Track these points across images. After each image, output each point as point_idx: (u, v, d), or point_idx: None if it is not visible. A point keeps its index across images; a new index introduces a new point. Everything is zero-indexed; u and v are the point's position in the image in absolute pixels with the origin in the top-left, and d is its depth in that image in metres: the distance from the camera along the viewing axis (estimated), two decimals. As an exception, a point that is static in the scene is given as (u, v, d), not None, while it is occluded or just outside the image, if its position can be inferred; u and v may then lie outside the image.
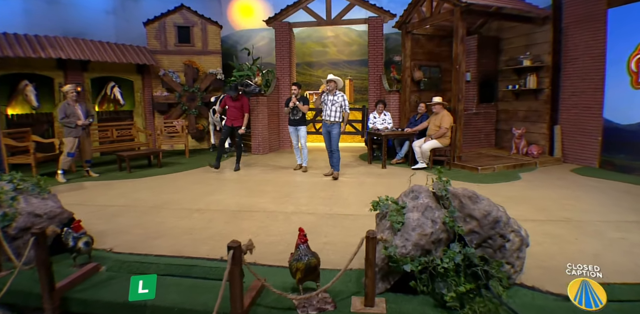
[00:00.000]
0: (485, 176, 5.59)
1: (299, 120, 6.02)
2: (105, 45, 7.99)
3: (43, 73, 7.17)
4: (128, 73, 8.61)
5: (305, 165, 6.15)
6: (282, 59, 8.90)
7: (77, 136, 5.65)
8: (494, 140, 7.97)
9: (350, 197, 4.60)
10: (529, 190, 4.84)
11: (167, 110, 9.20)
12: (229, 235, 3.33)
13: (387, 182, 5.35)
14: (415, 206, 2.18)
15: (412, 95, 7.58)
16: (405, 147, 6.59)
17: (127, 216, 3.92)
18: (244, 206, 4.24)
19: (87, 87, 7.87)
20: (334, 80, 5.42)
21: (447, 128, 5.91)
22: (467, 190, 2.21)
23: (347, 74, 10.22)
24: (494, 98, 7.90)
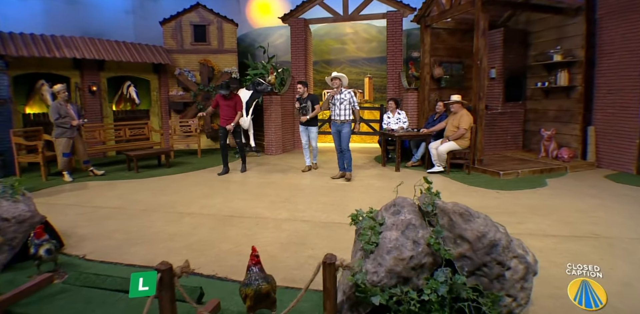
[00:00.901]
0: (507, 182, 5.09)
1: (310, 120, 5.80)
2: (121, 44, 8.03)
3: (59, 73, 7.25)
4: (144, 72, 8.63)
5: (315, 161, 6.05)
6: (297, 57, 8.65)
7: (72, 137, 5.57)
8: (521, 142, 7.35)
9: (353, 203, 4.27)
10: (554, 198, 4.32)
11: (183, 109, 9.17)
12: (208, 244, 3.14)
13: (399, 189, 4.94)
14: (395, 223, 1.84)
15: (432, 93, 7.11)
16: (421, 148, 6.17)
17: (115, 220, 3.79)
18: (237, 211, 4.04)
19: (103, 87, 7.94)
20: (338, 78, 5.21)
21: (465, 129, 5.44)
22: (459, 205, 1.84)
23: (367, 72, 9.83)
24: (521, 97, 7.28)
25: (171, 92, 9.04)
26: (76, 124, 5.52)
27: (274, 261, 2.78)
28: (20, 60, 6.57)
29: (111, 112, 8.20)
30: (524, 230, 3.32)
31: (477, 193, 4.59)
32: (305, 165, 6.06)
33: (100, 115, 7.82)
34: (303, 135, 5.94)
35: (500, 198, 4.35)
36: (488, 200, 4.28)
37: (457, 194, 4.56)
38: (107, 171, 6.21)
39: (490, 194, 4.55)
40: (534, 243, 2.99)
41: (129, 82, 8.22)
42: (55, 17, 7.97)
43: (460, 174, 5.66)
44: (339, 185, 5.16)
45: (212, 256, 2.91)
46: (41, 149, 5.42)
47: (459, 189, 4.84)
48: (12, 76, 6.57)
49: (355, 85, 9.87)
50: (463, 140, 5.53)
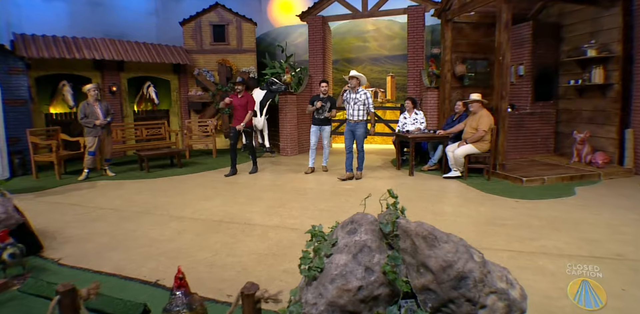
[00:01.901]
0: (529, 190, 4.61)
1: (324, 120, 5.67)
2: (141, 45, 8.14)
3: (81, 74, 7.43)
4: (164, 73, 8.73)
5: (325, 164, 5.92)
6: (315, 56, 8.43)
7: (97, 135, 5.69)
8: (552, 145, 6.71)
9: (352, 210, 3.91)
10: (580, 210, 3.82)
11: (202, 109, 9.21)
12: (186, 251, 3.01)
13: (405, 195, 4.62)
14: (348, 244, 1.57)
15: (453, 92, 6.63)
16: (438, 151, 5.77)
17: (106, 221, 3.75)
18: (228, 216, 3.91)
19: (123, 87, 8.08)
20: (356, 77, 5.09)
21: (484, 130, 4.99)
22: (423, 226, 1.53)
23: (389, 70, 9.43)
24: (553, 96, 6.65)
25: (190, 92, 9.10)
26: (98, 124, 5.63)
27: (245, 274, 2.57)
28: (43, 62, 6.78)
29: (131, 112, 8.34)
30: (537, 247, 2.90)
31: (493, 202, 4.17)
32: (308, 167, 5.86)
33: (121, 115, 7.97)
34: (313, 135, 5.76)
35: (517, 209, 3.91)
36: (503, 210, 3.85)
37: (471, 202, 4.17)
38: (121, 170, 6.34)
39: (507, 203, 4.11)
40: (545, 265, 2.61)
41: (148, 83, 8.32)
42: (80, 19, 8.19)
43: (479, 180, 5.22)
44: (345, 189, 4.92)
45: (184, 265, 2.71)
46: (55, 148, 5.54)
47: (474, 197, 4.42)
48: (35, 77, 6.81)
49: (377, 84, 9.52)
50: (482, 143, 5.08)
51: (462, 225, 3.46)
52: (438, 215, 3.74)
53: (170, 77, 8.92)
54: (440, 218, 3.63)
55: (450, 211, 3.86)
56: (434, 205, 4.12)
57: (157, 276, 2.58)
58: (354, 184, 5.16)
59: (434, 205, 4.10)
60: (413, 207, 3.96)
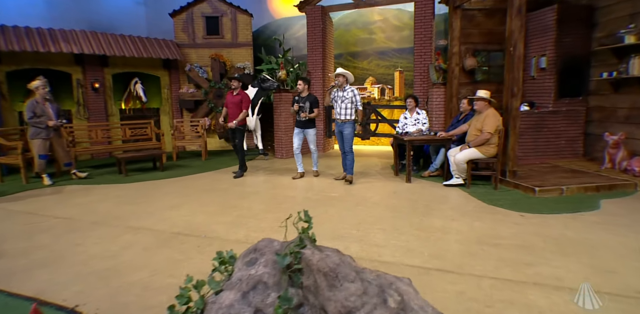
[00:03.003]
0: (542, 202, 4.25)
1: (307, 122, 5.51)
2: (126, 38, 8.08)
3: (60, 69, 7.36)
4: (154, 68, 8.71)
5: (315, 168, 5.89)
6: (314, 49, 8.23)
7: (47, 138, 5.51)
8: (581, 149, 6.26)
9: (328, 224, 3.78)
10: (601, 230, 3.43)
11: (194, 107, 9.15)
12: (123, 270, 2.86)
13: (394, 205, 4.36)
14: (242, 279, 1.34)
15: (463, 88, 6.30)
16: (440, 155, 5.46)
17: (52, 233, 3.64)
18: (190, 227, 3.75)
19: (108, 83, 8.05)
20: (342, 74, 5.15)
21: (489, 133, 4.65)
22: (328, 259, 1.29)
23: (397, 65, 9.12)
24: (582, 91, 6.19)
25: (181, 89, 9.05)
26: (52, 125, 5.46)
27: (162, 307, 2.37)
28: (14, 55, 6.69)
29: (117, 111, 8.35)
30: (531, 276, 2.57)
31: (493, 216, 3.84)
32: (297, 172, 5.78)
33: (105, 114, 7.97)
34: (296, 138, 5.62)
35: (520, 225, 3.57)
36: (502, 226, 3.52)
37: (467, 215, 3.85)
38: (99, 173, 6.31)
39: (511, 217, 3.78)
40: (536, 300, 2.29)
41: (136, 79, 8.32)
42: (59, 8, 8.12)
43: (485, 188, 4.91)
44: (329, 197, 4.73)
45: (114, 287, 2.58)
46: (21, 150, 5.52)
47: (473, 209, 4.10)
48: (6, 71, 6.76)
49: (384, 80, 9.23)
50: (487, 146, 4.73)
51: (447, 243, 3.16)
52: (423, 231, 3.45)
53: (160, 73, 8.89)
54: (423, 235, 3.35)
55: (438, 226, 3.56)
56: (423, 217, 3.84)
57: (78, 301, 2.41)
58: (342, 191, 4.98)
59: (422, 218, 3.82)
60: (398, 220, 3.77)
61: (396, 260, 2.87)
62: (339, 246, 3.18)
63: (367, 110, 7.65)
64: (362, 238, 3.31)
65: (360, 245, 3.20)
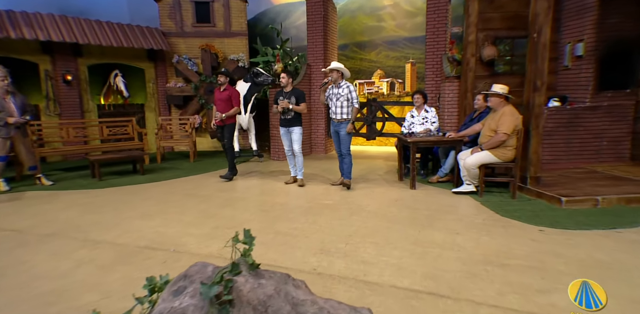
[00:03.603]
0: (569, 215, 4.00)
1: (293, 120, 5.39)
2: (103, 25, 7.93)
3: (24, 58, 7.16)
4: (137, 60, 8.64)
5: (300, 176, 5.62)
6: (314, 39, 8.09)
7: (7, 137, 5.33)
8: (627, 151, 5.94)
9: (315, 235, 3.64)
10: (639, 251, 3.17)
11: (183, 104, 9.07)
12: (71, 293, 2.76)
13: (393, 215, 4.19)
14: (162, 312, 1.18)
15: (480, 82, 6.04)
16: (449, 159, 5.26)
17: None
18: (159, 240, 3.64)
19: (83, 76, 7.96)
20: (337, 69, 5.10)
21: (505, 133, 4.42)
22: (261, 288, 1.12)
23: (409, 56, 8.92)
24: (631, 82, 5.87)
25: (169, 84, 8.98)
26: (12, 122, 5.27)
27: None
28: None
29: (94, 106, 8.29)
30: (542, 306, 2.35)
31: (506, 230, 3.62)
32: (290, 176, 5.71)
33: (80, 110, 7.91)
34: (284, 139, 5.52)
35: (539, 242, 3.33)
36: (517, 243, 3.29)
37: (474, 228, 3.64)
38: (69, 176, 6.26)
39: (527, 233, 3.55)
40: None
41: (116, 71, 8.27)
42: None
43: (500, 197, 4.70)
44: (322, 205, 4.63)
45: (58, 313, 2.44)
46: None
47: (483, 221, 3.88)
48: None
49: (394, 73, 9.04)
50: (503, 149, 4.51)
51: (446, 261, 2.96)
52: (419, 246, 3.27)
53: (145, 65, 8.82)
54: (419, 250, 3.16)
55: (438, 241, 3.37)
56: (423, 230, 3.65)
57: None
58: (337, 198, 4.88)
59: (421, 231, 3.64)
60: (393, 232, 3.62)
61: (383, 281, 2.69)
62: (322, 261, 3.04)
63: (373, 107, 7.48)
64: (349, 253, 3.17)
65: (345, 261, 3.04)
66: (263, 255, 3.24)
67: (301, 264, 2.99)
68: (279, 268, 2.97)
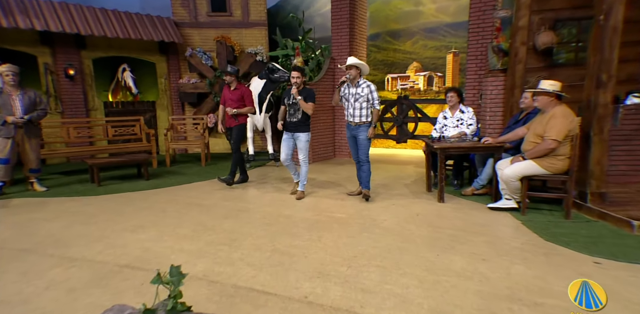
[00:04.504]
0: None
1: (299, 124, 5.25)
2: (109, 14, 8.00)
3: (20, 49, 7.24)
4: (147, 53, 8.78)
5: (302, 189, 5.46)
6: (339, 29, 7.97)
7: (9, 136, 5.44)
8: None
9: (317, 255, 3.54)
10: None
11: (197, 101, 9.15)
12: None
13: (414, 232, 4.02)
14: None
15: (531, 75, 5.67)
16: (487, 168, 4.98)
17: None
18: (143, 257, 3.62)
19: (87, 70, 8.10)
20: (355, 66, 4.97)
21: (554, 140, 4.08)
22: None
23: (451, 46, 8.59)
24: None
25: (181, 80, 9.08)
26: (10, 121, 5.37)
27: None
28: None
29: (101, 104, 8.47)
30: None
31: (550, 259, 3.32)
32: (294, 183, 5.65)
33: (85, 108, 8.09)
34: (285, 145, 5.36)
35: (591, 278, 2.94)
36: (559, 277, 2.98)
37: (508, 255, 3.37)
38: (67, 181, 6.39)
39: (578, 264, 3.21)
40: None
41: (124, 65, 8.43)
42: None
43: (550, 216, 4.37)
44: (333, 218, 4.55)
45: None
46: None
47: (522, 245, 3.59)
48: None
49: (433, 66, 8.74)
50: (553, 159, 4.17)
51: (462, 294, 2.73)
52: (433, 273, 3.06)
53: (156, 59, 8.96)
54: (432, 279, 2.95)
55: (458, 268, 3.14)
56: (442, 254, 3.44)
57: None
58: (351, 211, 4.80)
59: (440, 255, 3.42)
60: (406, 254, 3.45)
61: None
62: (316, 288, 2.89)
63: (404, 105, 7.24)
64: (349, 279, 3.03)
65: (343, 288, 2.89)
66: (253, 277, 3.17)
67: (292, 290, 2.88)
68: (266, 295, 2.88)
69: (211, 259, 3.54)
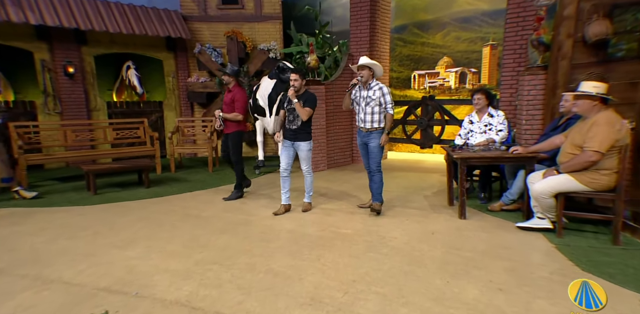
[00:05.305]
0: None
1: (299, 132, 5.18)
2: (111, 7, 8.04)
3: (14, 45, 7.27)
4: (154, 49, 8.87)
5: (308, 200, 5.50)
6: (358, 23, 7.92)
7: None
8: None
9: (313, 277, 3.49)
10: None
11: (207, 102, 9.21)
12: None
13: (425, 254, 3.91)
14: None
15: (579, 73, 5.33)
16: (517, 181, 4.80)
17: None
18: (125, 278, 3.61)
19: (89, 68, 8.20)
20: (368, 66, 4.93)
21: (596, 151, 3.83)
22: None
23: (487, 37, 8.35)
24: None
25: (190, 78, 9.15)
26: None
27: None
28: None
29: (104, 104, 8.61)
30: None
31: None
32: (281, 204, 5.41)
33: (86, 108, 8.21)
34: (283, 154, 5.28)
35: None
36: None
37: (532, 286, 3.19)
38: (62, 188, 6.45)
39: (620, 302, 2.92)
40: None
41: (128, 63, 8.54)
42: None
43: (594, 240, 4.11)
44: (338, 234, 4.52)
45: None
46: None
47: (552, 275, 3.39)
48: None
49: (466, 61, 8.53)
50: (595, 173, 3.92)
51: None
52: (441, 304, 2.93)
53: (163, 56, 9.05)
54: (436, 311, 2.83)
55: (469, 300, 2.99)
56: (454, 280, 3.31)
57: None
58: (358, 226, 4.76)
59: (451, 282, 3.29)
60: (412, 280, 3.36)
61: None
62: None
63: (429, 107, 7.07)
64: (344, 307, 2.96)
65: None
66: (239, 304, 3.14)
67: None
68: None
69: (198, 280, 3.52)
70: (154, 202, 5.95)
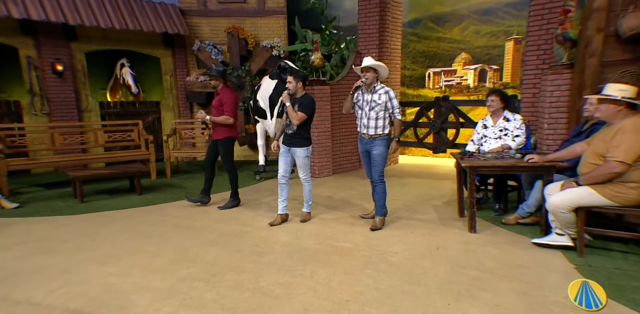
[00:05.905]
0: None
1: (296, 137, 5.17)
2: (104, 0, 7.98)
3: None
4: (150, 46, 8.88)
5: (307, 210, 5.49)
6: (367, 18, 7.88)
7: None
8: None
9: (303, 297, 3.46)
10: None
11: (207, 102, 9.23)
12: None
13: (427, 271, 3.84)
14: None
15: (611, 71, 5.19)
16: (534, 192, 4.70)
17: None
18: (100, 300, 3.56)
19: (79, 65, 8.20)
20: (373, 68, 4.87)
21: (622, 162, 3.68)
22: None
23: (511, 31, 8.24)
24: None
25: (189, 77, 9.17)
26: None
27: None
28: None
29: (96, 104, 8.63)
30: None
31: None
32: (277, 214, 5.40)
33: (76, 109, 8.23)
34: (282, 160, 5.28)
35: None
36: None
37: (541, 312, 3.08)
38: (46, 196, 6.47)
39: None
40: None
41: (122, 61, 8.57)
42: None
43: (621, 261, 3.97)
44: (337, 248, 4.52)
45: None
46: None
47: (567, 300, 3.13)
48: None
49: (487, 57, 8.42)
50: (620, 186, 3.77)
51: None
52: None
53: (160, 53, 9.08)
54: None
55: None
56: (456, 302, 3.23)
57: None
58: (358, 239, 4.73)
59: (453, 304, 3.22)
60: (410, 301, 3.32)
61: None
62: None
63: (443, 108, 6.98)
64: None
65: (322, 345, 2.79)
66: None
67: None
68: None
69: (180, 300, 3.48)
70: (144, 211, 5.96)
